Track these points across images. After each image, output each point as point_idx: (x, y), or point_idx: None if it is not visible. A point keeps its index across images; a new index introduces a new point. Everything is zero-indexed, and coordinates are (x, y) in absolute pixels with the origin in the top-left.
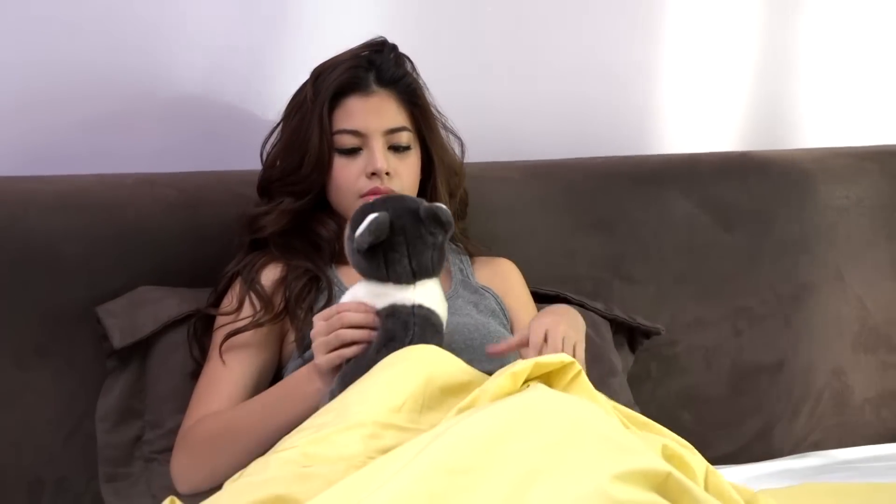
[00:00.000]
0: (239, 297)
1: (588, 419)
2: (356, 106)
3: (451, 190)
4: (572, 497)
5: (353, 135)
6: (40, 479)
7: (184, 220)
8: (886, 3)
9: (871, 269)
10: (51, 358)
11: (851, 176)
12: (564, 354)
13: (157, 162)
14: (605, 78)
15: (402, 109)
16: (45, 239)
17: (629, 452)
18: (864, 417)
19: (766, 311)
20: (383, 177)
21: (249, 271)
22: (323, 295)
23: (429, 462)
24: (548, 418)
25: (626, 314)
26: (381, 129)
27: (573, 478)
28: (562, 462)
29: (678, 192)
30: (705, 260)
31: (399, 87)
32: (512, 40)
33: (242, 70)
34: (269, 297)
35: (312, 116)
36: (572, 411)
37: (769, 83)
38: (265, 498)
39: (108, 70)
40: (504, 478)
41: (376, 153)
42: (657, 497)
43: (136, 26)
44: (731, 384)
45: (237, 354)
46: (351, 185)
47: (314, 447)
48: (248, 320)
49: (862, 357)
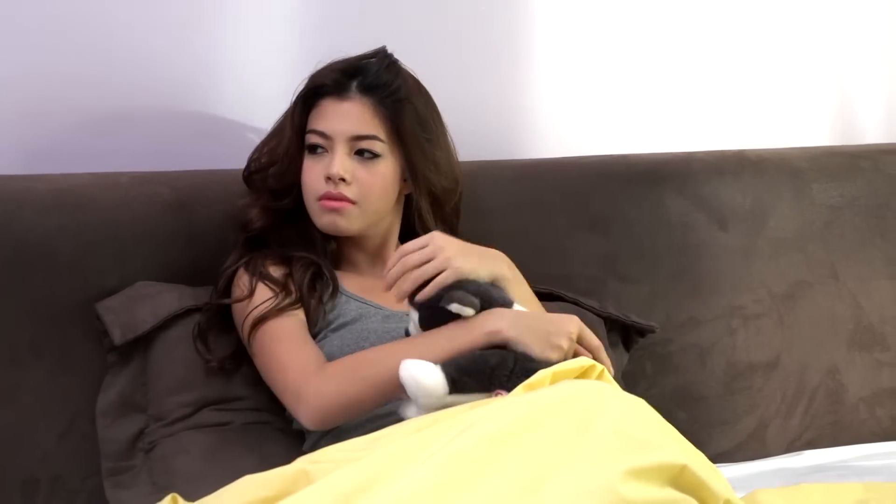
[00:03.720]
0: (249, 287)
1: (603, 412)
2: (329, 108)
3: (440, 204)
4: (583, 492)
5: (319, 135)
6: (35, 477)
7: (178, 218)
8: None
9: (865, 268)
10: (45, 356)
11: (846, 175)
12: (584, 358)
13: (152, 161)
14: (596, 77)
15: (378, 118)
16: (39, 237)
17: (643, 447)
18: (859, 416)
19: (760, 309)
20: (337, 182)
21: (254, 267)
22: (328, 286)
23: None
24: (562, 412)
25: (621, 313)
26: (347, 134)
27: (584, 474)
28: (574, 457)
29: (672, 191)
30: (700, 258)
31: (380, 96)
32: (506, 39)
33: (237, 70)
34: (284, 283)
35: (289, 114)
36: (588, 403)
37: (764, 81)
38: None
39: (102, 70)
40: (517, 473)
41: (335, 158)
42: (671, 492)
43: (130, 27)
44: (725, 383)
45: (281, 320)
46: (312, 186)
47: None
48: (270, 303)
49: (856, 355)
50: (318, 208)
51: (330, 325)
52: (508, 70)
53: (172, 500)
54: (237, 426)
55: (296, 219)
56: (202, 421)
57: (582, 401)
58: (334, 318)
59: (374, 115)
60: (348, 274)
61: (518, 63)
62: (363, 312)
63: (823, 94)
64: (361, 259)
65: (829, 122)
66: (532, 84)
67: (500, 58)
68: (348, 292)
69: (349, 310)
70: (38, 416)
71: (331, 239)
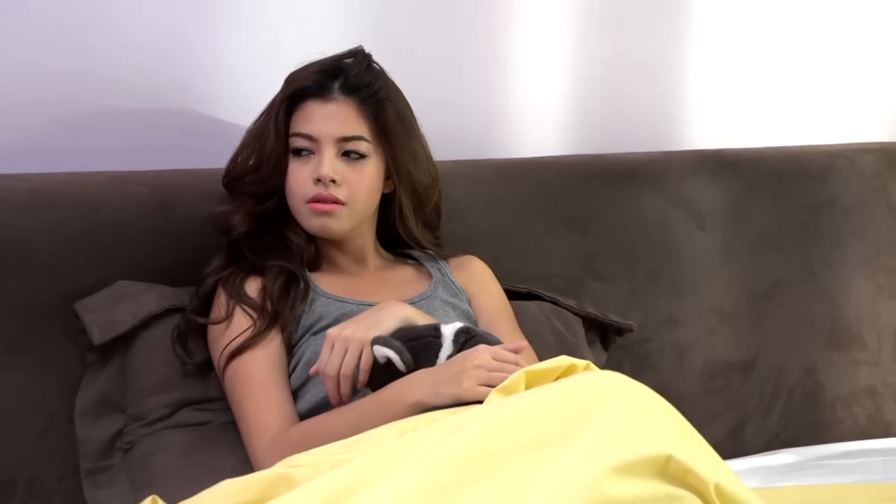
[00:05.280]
0: (227, 310)
1: (590, 407)
2: (313, 110)
3: (421, 202)
4: (568, 493)
5: (306, 138)
6: (12, 477)
7: (156, 218)
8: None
9: (842, 267)
10: (22, 356)
11: (823, 174)
12: (565, 357)
13: (129, 160)
14: (575, 76)
15: (362, 118)
16: (16, 237)
17: (630, 440)
18: (836, 415)
19: (738, 309)
20: (328, 184)
21: (233, 286)
22: (301, 293)
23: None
24: (553, 410)
25: (599, 312)
26: (334, 135)
27: (570, 473)
28: (561, 457)
29: (651, 191)
30: (678, 258)
31: (363, 96)
32: (485, 38)
33: (215, 69)
34: (261, 305)
35: (272, 117)
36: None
37: (743, 80)
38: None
39: (79, 69)
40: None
41: (324, 159)
42: (658, 486)
43: (109, 26)
44: (703, 382)
45: (256, 354)
46: (300, 189)
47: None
48: (248, 333)
49: (834, 354)
50: (308, 211)
51: (312, 328)
52: (487, 69)
53: (152, 501)
54: (216, 426)
55: (274, 223)
56: (181, 420)
57: (575, 397)
58: (316, 321)
59: (359, 116)
60: (329, 275)
61: (496, 62)
62: (345, 312)
63: (800, 94)
64: (342, 259)
65: (806, 122)
66: (510, 84)
67: (478, 57)
68: (328, 293)
69: (330, 311)
70: (16, 416)
71: (311, 241)
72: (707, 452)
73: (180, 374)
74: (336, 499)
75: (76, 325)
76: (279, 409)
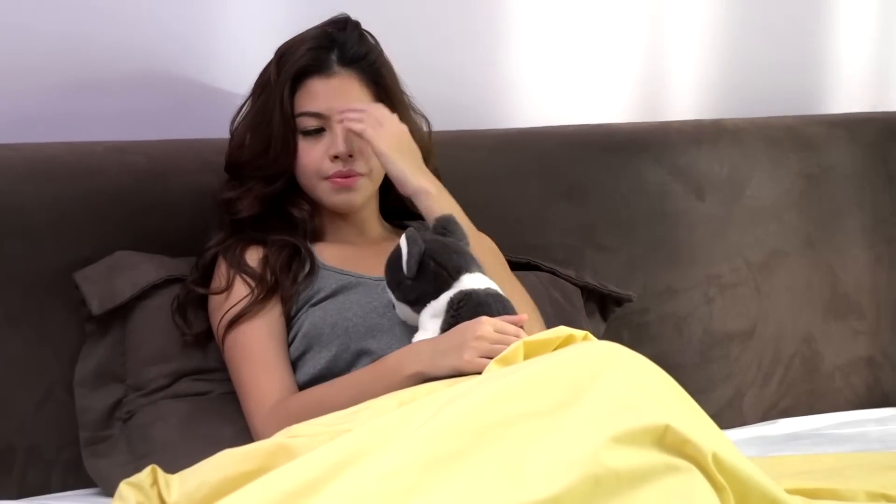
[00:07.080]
0: (227, 279)
1: (588, 377)
2: (318, 87)
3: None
4: (566, 463)
5: (315, 117)
6: (11, 446)
7: (154, 187)
8: None
9: (841, 237)
10: (22, 326)
11: (822, 144)
12: (563, 327)
13: (127, 130)
14: (574, 46)
15: (365, 89)
16: (14, 207)
17: (628, 410)
18: (834, 384)
19: (737, 278)
20: (346, 159)
21: (233, 256)
22: (304, 266)
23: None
24: (551, 381)
25: (598, 282)
26: (343, 110)
27: (569, 444)
28: (559, 427)
29: (650, 160)
30: (677, 228)
31: (362, 66)
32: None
33: (213, 38)
34: (261, 274)
35: (275, 99)
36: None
37: (739, 51)
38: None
39: (77, 38)
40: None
41: (339, 136)
42: (655, 456)
43: None
44: (701, 352)
45: (255, 324)
46: (315, 167)
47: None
48: (246, 301)
49: (832, 324)
50: (328, 188)
51: (311, 300)
52: (486, 39)
53: (152, 471)
54: (215, 396)
55: (279, 204)
56: (181, 391)
57: (573, 368)
58: (315, 293)
59: (361, 86)
60: (330, 245)
61: (496, 32)
62: (344, 284)
63: (799, 63)
64: (345, 230)
65: (805, 91)
66: (509, 53)
67: (477, 27)
68: (328, 265)
69: (329, 283)
70: (15, 386)
71: (315, 215)
72: (705, 422)
73: (180, 344)
74: (335, 469)
75: (75, 296)
76: (278, 379)
